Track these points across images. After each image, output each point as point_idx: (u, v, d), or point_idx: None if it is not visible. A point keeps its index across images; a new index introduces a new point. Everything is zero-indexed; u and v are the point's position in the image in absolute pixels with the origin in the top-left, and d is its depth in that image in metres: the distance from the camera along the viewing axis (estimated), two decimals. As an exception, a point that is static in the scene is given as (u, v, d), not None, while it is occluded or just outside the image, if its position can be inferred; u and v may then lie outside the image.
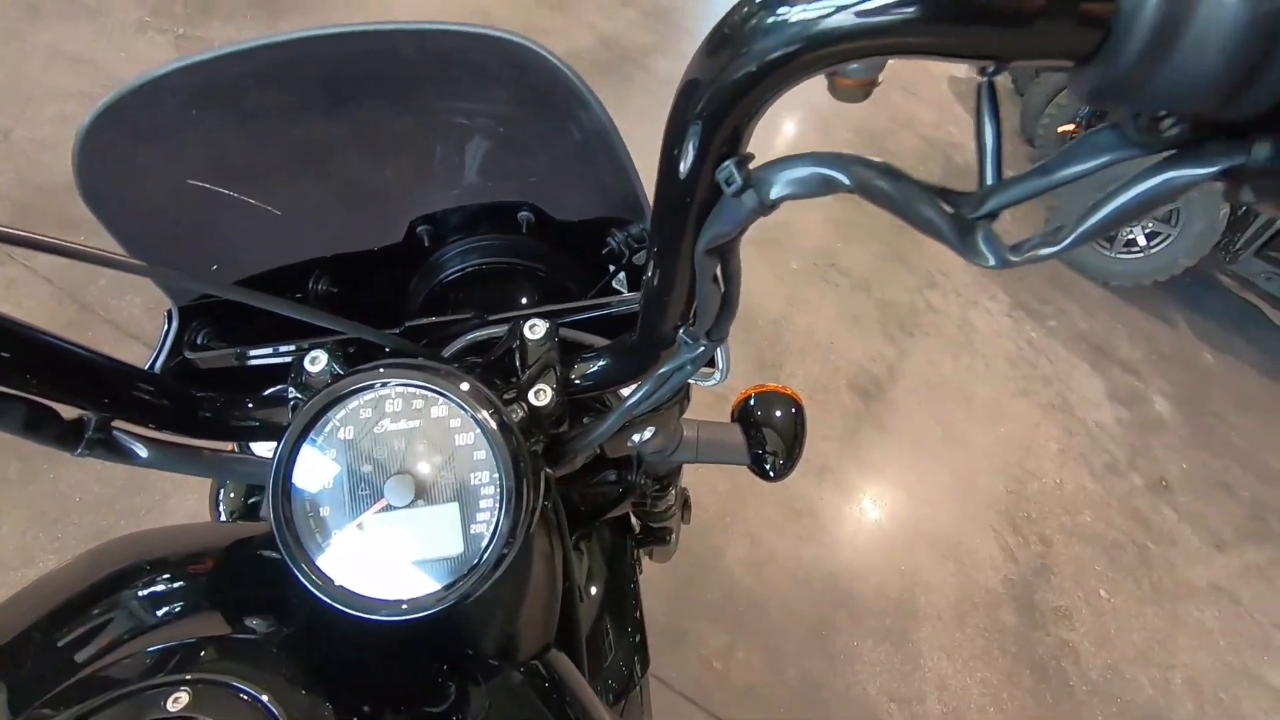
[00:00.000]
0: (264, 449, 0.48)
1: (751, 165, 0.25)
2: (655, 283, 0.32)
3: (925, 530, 1.98)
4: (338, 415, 0.34)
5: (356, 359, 0.39)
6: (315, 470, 0.34)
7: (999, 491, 2.20)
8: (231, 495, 0.60)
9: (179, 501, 1.37)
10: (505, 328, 0.44)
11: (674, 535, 0.93)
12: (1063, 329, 3.20)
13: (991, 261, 0.22)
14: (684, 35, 4.14)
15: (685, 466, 1.48)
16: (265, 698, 0.29)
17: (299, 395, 0.38)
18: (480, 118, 0.47)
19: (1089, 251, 3.65)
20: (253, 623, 0.36)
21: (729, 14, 0.22)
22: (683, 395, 0.48)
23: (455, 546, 0.34)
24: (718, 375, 0.43)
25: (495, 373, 0.41)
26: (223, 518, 0.60)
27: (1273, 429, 3.20)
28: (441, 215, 0.57)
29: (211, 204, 0.44)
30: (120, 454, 0.37)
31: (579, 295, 0.59)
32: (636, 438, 0.47)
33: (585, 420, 0.43)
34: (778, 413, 0.60)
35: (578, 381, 0.42)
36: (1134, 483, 2.49)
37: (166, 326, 0.45)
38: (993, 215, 0.22)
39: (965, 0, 0.18)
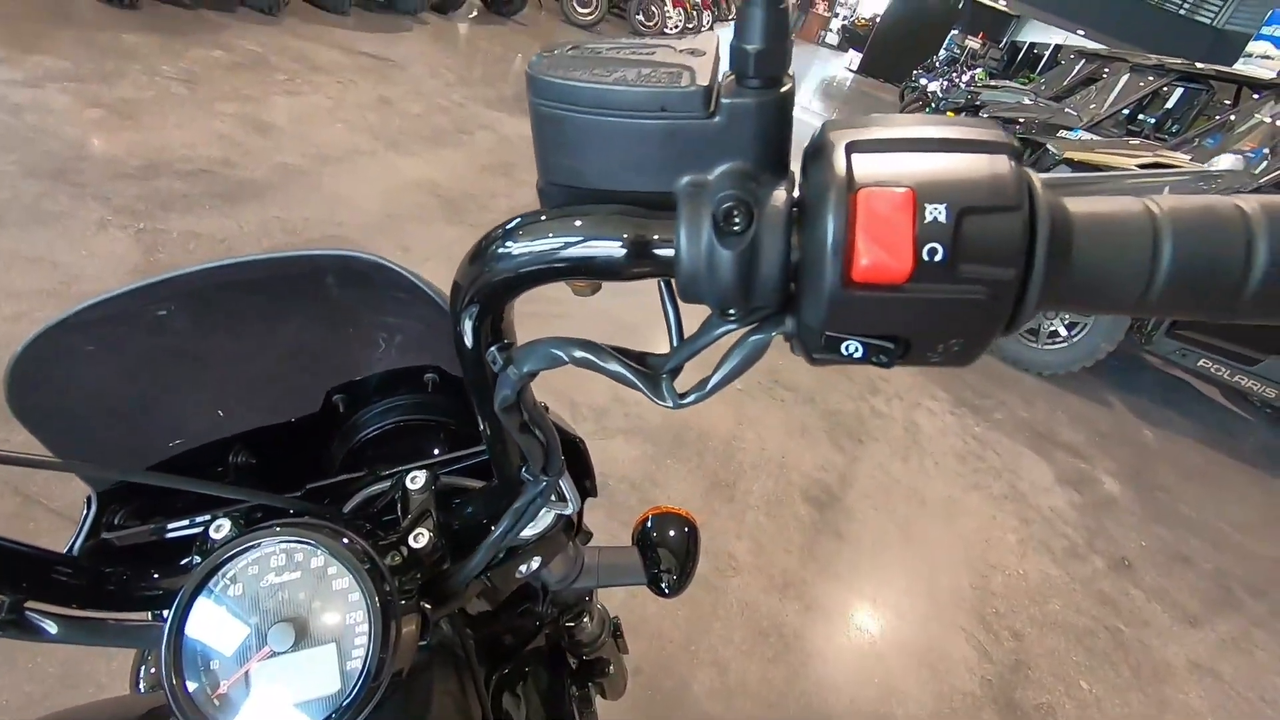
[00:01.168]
0: None
1: (513, 348, 0.33)
2: (487, 434, 0.40)
3: (894, 637, 1.96)
4: (228, 574, 0.39)
5: (263, 523, 0.44)
6: (207, 627, 0.39)
7: (964, 588, 2.21)
8: (153, 670, 0.62)
9: (115, 693, 1.31)
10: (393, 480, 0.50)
11: (612, 666, 0.94)
12: (1005, 421, 3.34)
13: (670, 404, 0.30)
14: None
15: (622, 594, 1.47)
16: None
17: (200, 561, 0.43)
18: (373, 305, 0.56)
19: (1018, 345, 3.88)
20: None
21: (481, 239, 0.31)
22: (560, 526, 0.54)
23: (333, 685, 0.38)
24: (570, 505, 0.49)
25: (379, 522, 0.47)
26: (142, 690, 0.61)
27: (1220, 496, 3.30)
28: (354, 384, 0.64)
29: (130, 404, 0.51)
30: (30, 632, 0.41)
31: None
32: (524, 568, 0.52)
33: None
34: (671, 533, 0.65)
35: (456, 524, 0.48)
36: (1096, 565, 2.52)
37: (85, 511, 0.50)
38: (675, 371, 0.30)
39: (601, 250, 0.27)
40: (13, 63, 3.11)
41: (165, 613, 0.52)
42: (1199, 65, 5.49)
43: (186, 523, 0.53)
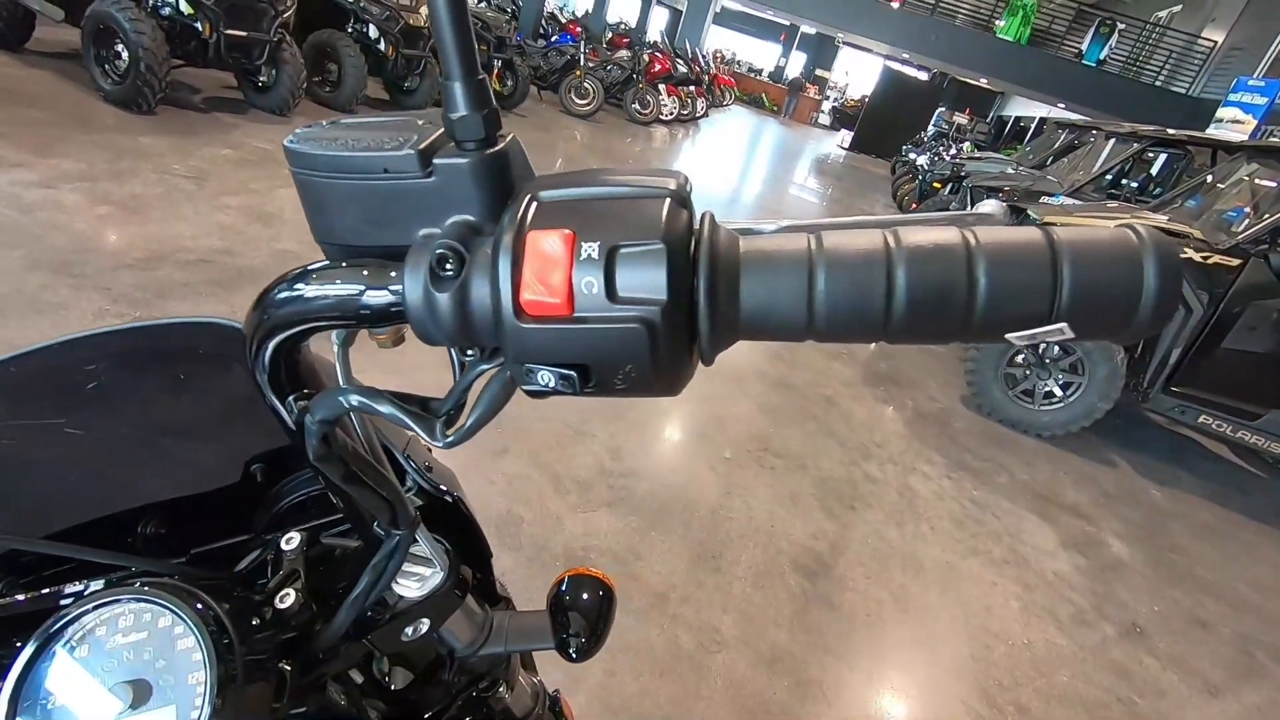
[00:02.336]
0: None
1: (311, 397, 0.35)
2: (329, 491, 0.40)
3: (892, 713, 1.86)
4: (76, 635, 0.40)
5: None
6: (50, 688, 0.38)
7: (965, 660, 2.11)
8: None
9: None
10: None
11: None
12: (1004, 483, 3.27)
13: (439, 443, 0.31)
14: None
15: (598, 672, 1.42)
16: None
17: None
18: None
19: (1015, 407, 3.85)
20: None
21: (261, 293, 0.33)
22: (448, 587, 0.53)
23: None
24: (435, 563, 0.49)
25: (255, 585, 0.47)
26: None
27: (1236, 555, 3.18)
28: (274, 452, 0.65)
29: (21, 474, 0.52)
30: None
31: None
32: (410, 630, 0.52)
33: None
34: (585, 595, 0.64)
35: (330, 586, 0.48)
36: (1106, 632, 2.41)
37: None
38: (453, 411, 0.32)
39: (351, 300, 0.30)
40: (29, 165, 3.30)
41: None
42: (1170, 131, 5.68)
43: (81, 587, 0.54)
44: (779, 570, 2.26)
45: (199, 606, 0.40)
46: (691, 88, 13.16)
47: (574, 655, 0.60)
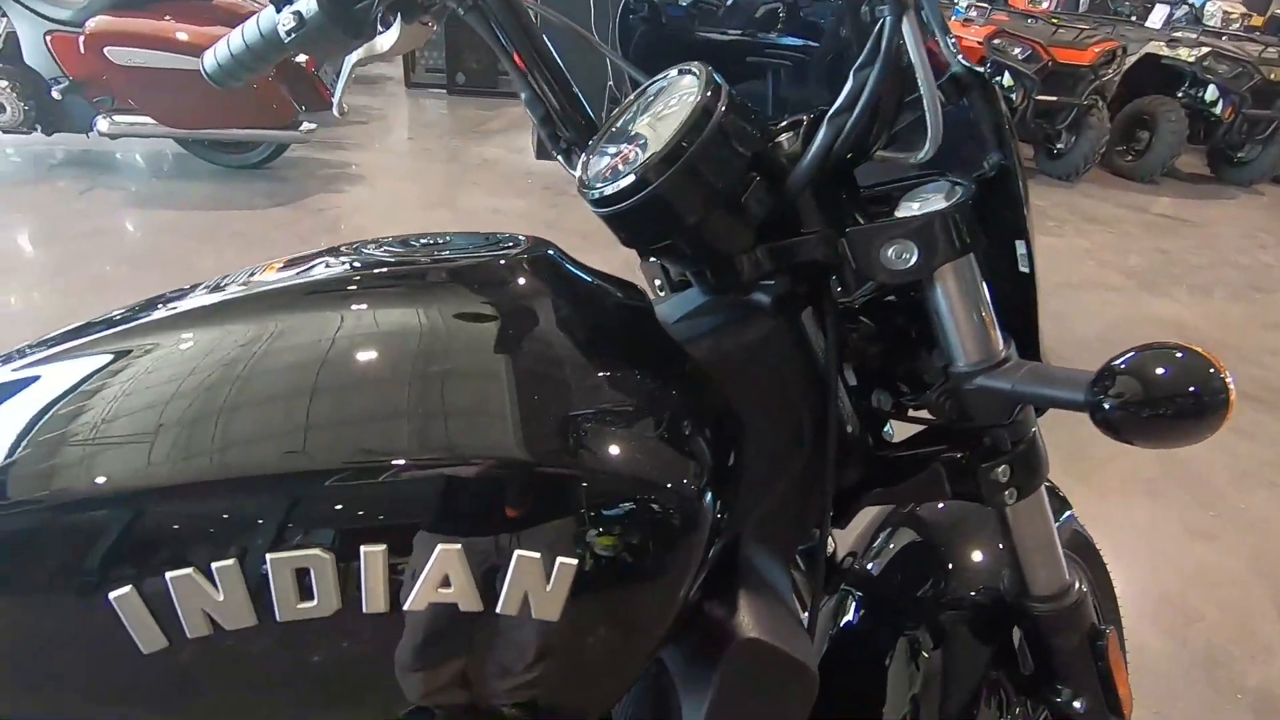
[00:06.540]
0: None
1: None
2: None
3: None
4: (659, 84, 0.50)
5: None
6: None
7: None
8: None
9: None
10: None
11: (1083, 702, 0.64)
12: None
13: None
14: None
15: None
16: None
17: None
18: None
19: None
20: None
21: None
22: (948, 219, 0.45)
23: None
24: (941, 199, 0.41)
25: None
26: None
27: None
28: None
29: None
30: None
31: None
32: (890, 252, 0.46)
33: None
34: (1164, 371, 0.39)
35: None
36: None
37: None
38: None
39: None
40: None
41: None
42: None
43: None
44: None
45: (721, 85, 0.45)
46: None
47: (1110, 424, 0.39)
